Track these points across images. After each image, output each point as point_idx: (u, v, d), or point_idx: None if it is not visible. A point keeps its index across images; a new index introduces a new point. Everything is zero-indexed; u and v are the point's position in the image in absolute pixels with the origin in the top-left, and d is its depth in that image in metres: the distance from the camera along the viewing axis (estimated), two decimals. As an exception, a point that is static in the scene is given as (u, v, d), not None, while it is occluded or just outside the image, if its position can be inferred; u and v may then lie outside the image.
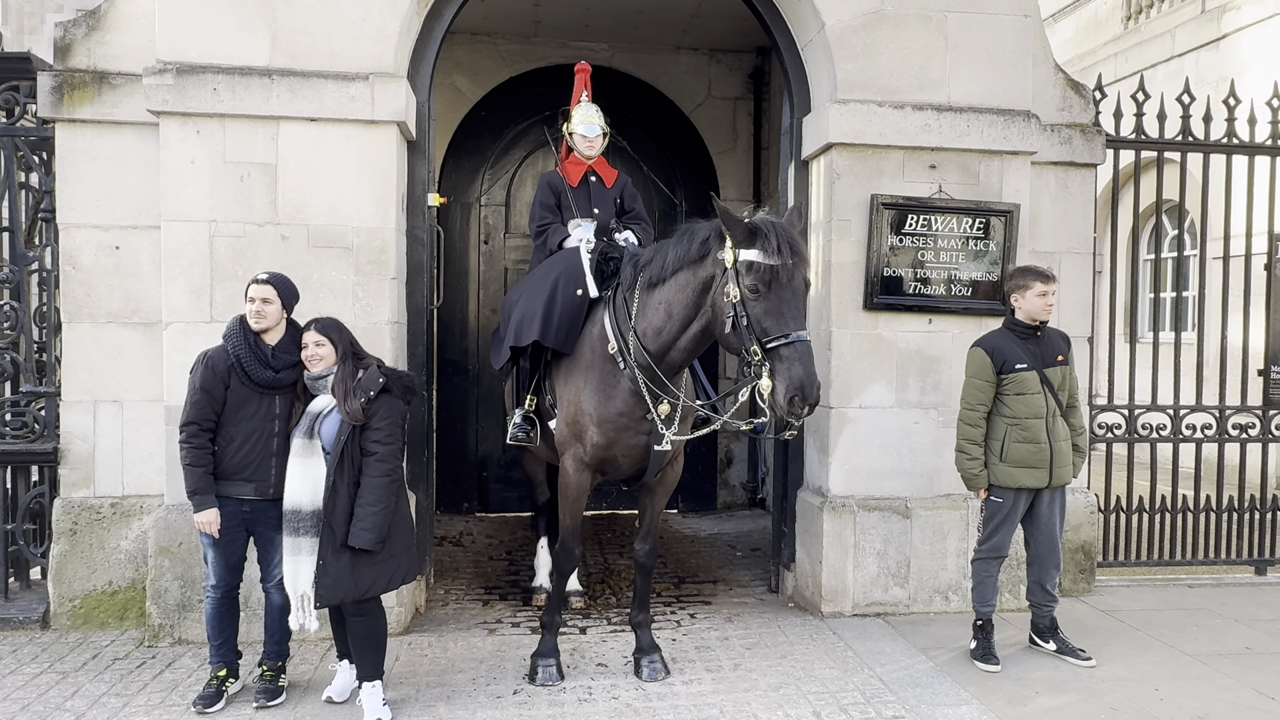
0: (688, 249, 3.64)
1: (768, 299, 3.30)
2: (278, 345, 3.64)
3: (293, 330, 3.70)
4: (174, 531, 4.34)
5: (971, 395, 4.17)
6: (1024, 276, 4.17)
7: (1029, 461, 4.11)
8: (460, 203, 7.38)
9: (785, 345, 3.26)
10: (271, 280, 3.66)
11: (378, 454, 3.46)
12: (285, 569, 3.51)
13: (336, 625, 3.72)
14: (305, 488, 3.46)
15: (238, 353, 3.56)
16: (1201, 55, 9.91)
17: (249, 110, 4.36)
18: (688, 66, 7.65)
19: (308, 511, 3.45)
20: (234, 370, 3.56)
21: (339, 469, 3.41)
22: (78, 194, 4.55)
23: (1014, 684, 3.99)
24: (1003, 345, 4.13)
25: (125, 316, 4.61)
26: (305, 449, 3.49)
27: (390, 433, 3.50)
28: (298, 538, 3.46)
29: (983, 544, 4.25)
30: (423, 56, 4.81)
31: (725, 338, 3.48)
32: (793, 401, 3.23)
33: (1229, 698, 3.88)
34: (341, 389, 3.49)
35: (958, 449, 4.23)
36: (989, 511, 4.23)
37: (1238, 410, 5.77)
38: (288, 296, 3.71)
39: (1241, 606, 5.16)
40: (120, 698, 3.75)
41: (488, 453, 7.41)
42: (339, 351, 3.56)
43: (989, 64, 4.92)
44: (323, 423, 3.51)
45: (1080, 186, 5.35)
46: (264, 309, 3.60)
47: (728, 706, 3.71)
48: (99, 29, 4.57)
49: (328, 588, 3.41)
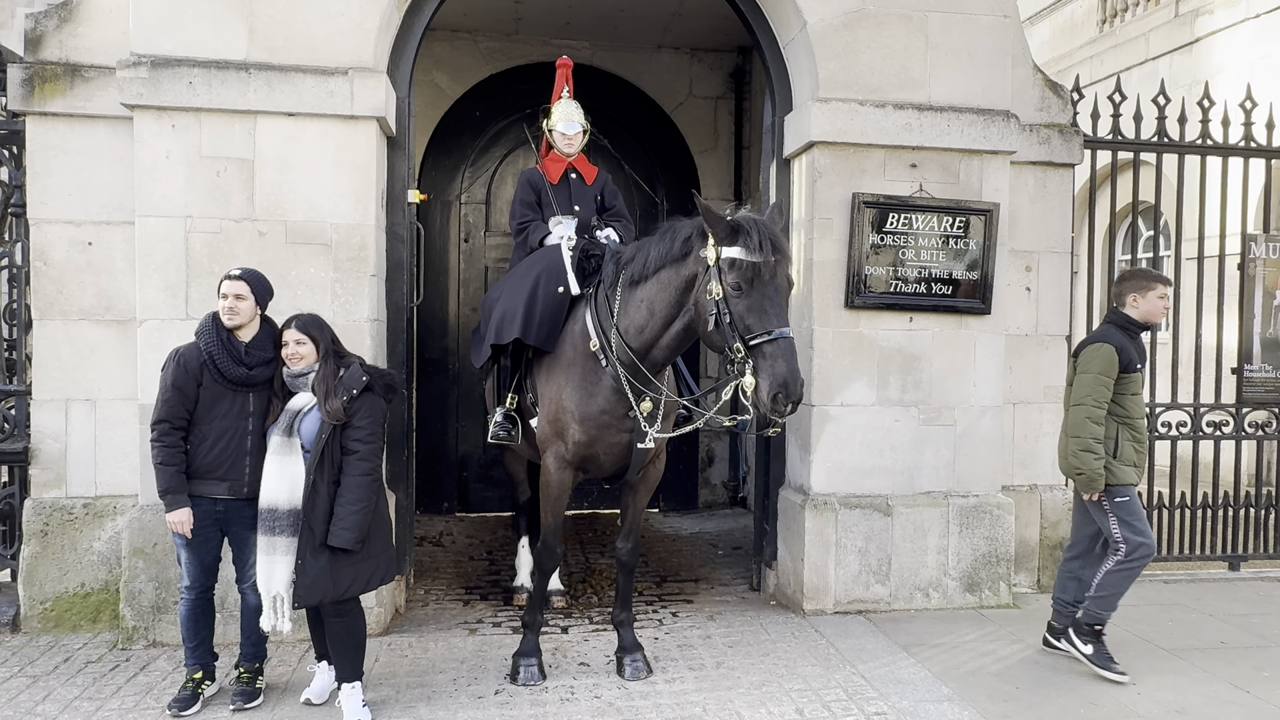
0: (670, 247, 3.62)
1: (750, 296, 3.29)
2: (251, 342, 3.57)
3: (267, 327, 3.64)
4: (148, 532, 4.27)
5: (1100, 393, 3.99)
6: (1145, 279, 4.15)
7: (1136, 460, 4.09)
8: (440, 200, 7.33)
9: (768, 342, 3.25)
10: (244, 276, 3.58)
11: (359, 453, 3.42)
12: (259, 569, 3.44)
13: (315, 626, 3.67)
14: (282, 486, 3.40)
15: (210, 350, 3.50)
16: (1175, 58, 10.05)
17: (225, 104, 4.30)
18: (669, 65, 7.65)
19: (284, 510, 3.39)
20: (206, 367, 3.50)
21: (319, 468, 3.37)
22: (49, 189, 4.46)
23: (995, 680, 4.01)
24: (1125, 345, 4.07)
25: (98, 314, 4.53)
26: (284, 447, 3.43)
27: (371, 431, 3.46)
28: (273, 537, 3.39)
29: (1134, 551, 4.00)
30: (403, 52, 4.76)
31: (708, 335, 3.46)
32: (776, 399, 3.22)
33: (1205, 691, 3.93)
34: (323, 387, 3.44)
35: (1083, 449, 3.98)
36: (1127, 511, 4.01)
37: (1212, 408, 5.84)
38: (261, 292, 3.64)
39: (1216, 601, 5.23)
40: (93, 701, 3.68)
41: (468, 452, 7.37)
42: (320, 349, 3.50)
43: (969, 64, 4.95)
44: (302, 421, 3.46)
45: (1059, 186, 5.40)
46: (237, 305, 3.53)
47: (711, 704, 3.71)
48: (71, 20, 4.49)
49: (306, 588, 3.36)
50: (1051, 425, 5.43)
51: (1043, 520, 5.40)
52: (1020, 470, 5.41)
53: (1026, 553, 5.37)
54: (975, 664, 4.18)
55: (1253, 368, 5.87)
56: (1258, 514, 5.92)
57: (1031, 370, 5.41)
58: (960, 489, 5.01)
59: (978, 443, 5.03)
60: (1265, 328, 5.86)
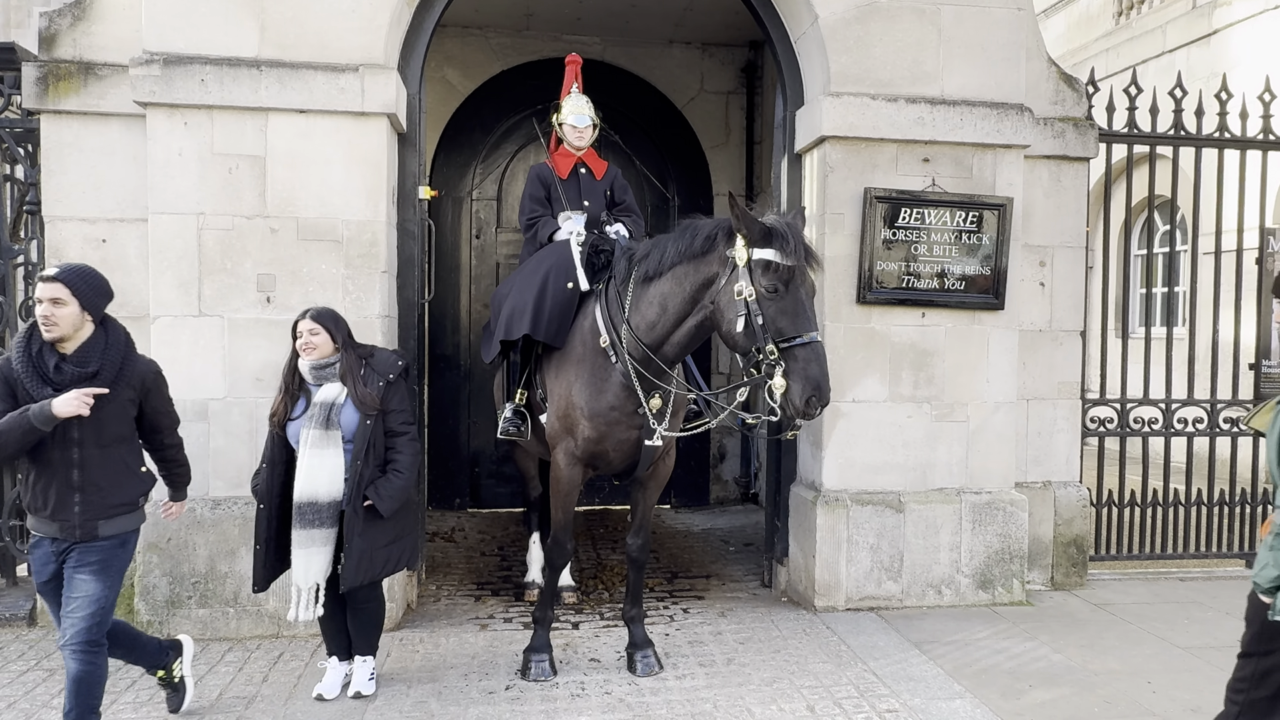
0: (689, 244, 3.61)
1: (784, 299, 3.33)
2: (73, 355, 2.98)
3: (106, 333, 3.07)
4: (162, 527, 4.29)
5: None
6: None
7: None
8: (452, 197, 7.34)
9: (801, 346, 3.30)
10: (62, 277, 2.95)
11: (408, 433, 3.58)
12: (295, 563, 3.46)
13: (325, 623, 3.68)
14: (322, 478, 3.43)
15: (19, 367, 2.94)
16: (1193, 51, 9.94)
17: (237, 101, 4.32)
18: (680, 60, 7.62)
19: (325, 503, 3.43)
20: (18, 386, 2.94)
21: (365, 457, 3.46)
22: (64, 186, 4.49)
23: (1008, 677, 3.98)
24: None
25: (113, 310, 4.48)
26: (323, 440, 3.44)
27: (412, 411, 3.63)
28: (312, 530, 3.42)
29: None
30: (413, 48, 4.77)
31: (733, 335, 3.46)
32: (809, 401, 3.28)
33: (1221, 690, 3.88)
34: (351, 378, 3.49)
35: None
36: None
37: (1229, 404, 5.78)
38: (89, 294, 3.00)
39: (1232, 599, 5.17)
40: (108, 695, 3.68)
41: (480, 448, 7.38)
42: (337, 341, 3.54)
43: (982, 57, 4.91)
44: (341, 413, 3.49)
45: (1073, 180, 5.35)
46: (54, 313, 2.92)
47: (721, 701, 3.70)
48: (84, 19, 4.51)
49: (353, 571, 3.46)
50: (1065, 422, 5.40)
51: (1056, 517, 5.36)
52: (1034, 467, 5.37)
53: (1040, 550, 5.33)
54: (988, 661, 4.16)
55: (1270, 363, 5.80)
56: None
57: (1045, 366, 5.36)
58: (973, 485, 4.97)
59: (991, 439, 4.99)
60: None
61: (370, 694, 3.69)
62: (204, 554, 4.35)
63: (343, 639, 3.74)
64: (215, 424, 4.38)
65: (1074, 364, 5.40)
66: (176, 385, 4.33)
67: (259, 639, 4.35)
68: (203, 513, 4.35)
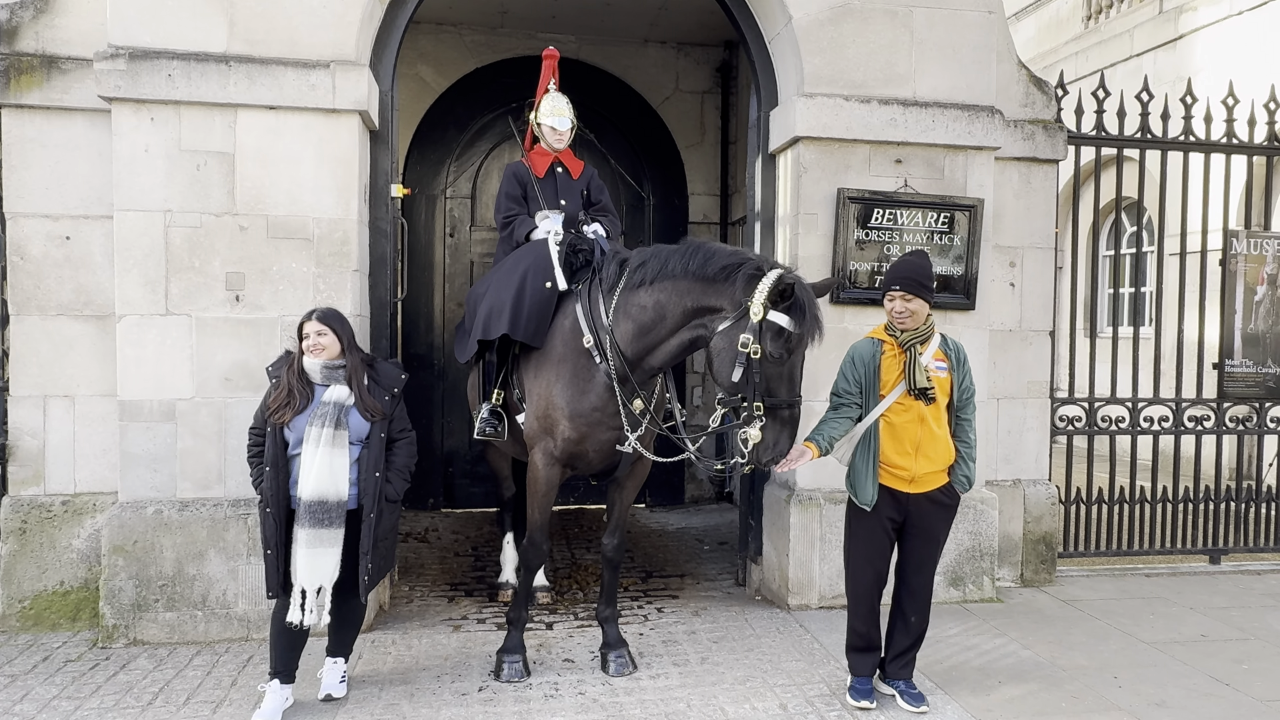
0: (702, 265, 3.56)
1: (783, 365, 3.39)
2: None
3: None
4: (128, 530, 4.23)
5: None
6: None
7: None
8: (425, 195, 7.29)
9: (786, 409, 3.41)
10: None
11: (407, 438, 3.69)
12: (301, 564, 3.36)
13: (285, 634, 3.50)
14: (330, 479, 3.38)
15: None
16: (1159, 55, 10.11)
17: (205, 97, 4.25)
18: (655, 59, 7.63)
19: (333, 502, 3.39)
20: None
21: (377, 464, 3.52)
22: (26, 182, 4.41)
23: (978, 674, 4.03)
24: None
25: (77, 309, 4.48)
26: (332, 439, 3.39)
27: (406, 417, 3.71)
28: (321, 529, 3.37)
29: None
30: (385, 45, 4.72)
31: (724, 377, 3.46)
32: (769, 461, 3.42)
33: (1185, 684, 3.96)
34: (356, 382, 3.51)
35: None
36: None
37: (1193, 403, 5.89)
38: None
39: (1197, 595, 5.27)
40: (72, 700, 3.65)
41: (453, 448, 7.34)
42: (343, 342, 3.53)
43: (954, 59, 4.96)
44: (350, 415, 3.48)
45: (1043, 182, 5.42)
46: None
47: (695, 700, 3.71)
48: (48, 11, 4.42)
49: (376, 569, 3.53)
50: (1035, 420, 5.47)
51: (1026, 515, 5.43)
52: (1004, 465, 5.43)
53: (1010, 547, 5.40)
54: (958, 658, 4.20)
55: (1234, 363, 5.92)
56: (1238, 508, 5.98)
57: (1015, 365, 5.43)
58: (944, 484, 5.01)
59: (962, 438, 5.03)
60: (1246, 323, 5.91)
61: (341, 696, 3.65)
62: (171, 556, 4.28)
63: (296, 655, 3.55)
64: (183, 424, 4.32)
65: (1043, 363, 5.47)
66: (143, 386, 4.30)
67: (228, 642, 4.29)
68: (170, 515, 4.29)
